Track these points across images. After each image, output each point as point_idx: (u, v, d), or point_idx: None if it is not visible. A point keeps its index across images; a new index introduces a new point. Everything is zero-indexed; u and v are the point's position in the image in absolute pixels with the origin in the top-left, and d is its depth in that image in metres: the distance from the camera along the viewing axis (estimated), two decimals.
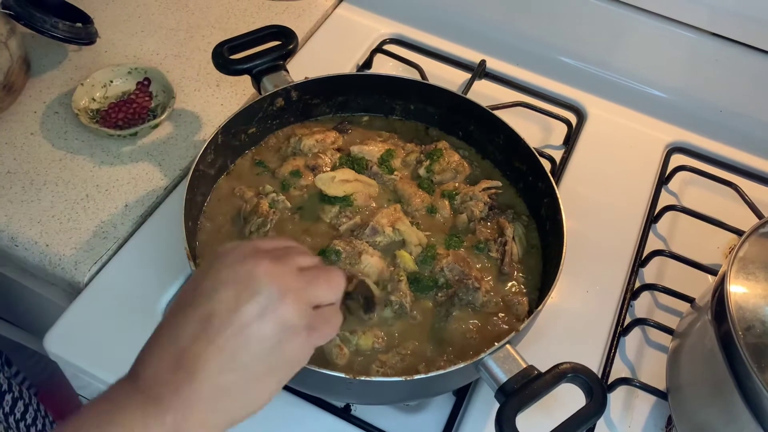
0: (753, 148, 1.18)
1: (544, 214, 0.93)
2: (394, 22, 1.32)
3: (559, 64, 1.28)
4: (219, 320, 0.52)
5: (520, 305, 0.86)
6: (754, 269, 0.75)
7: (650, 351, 0.94)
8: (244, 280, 0.53)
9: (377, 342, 0.81)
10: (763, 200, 1.08)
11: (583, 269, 0.99)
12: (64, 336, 0.89)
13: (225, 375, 0.52)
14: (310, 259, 0.60)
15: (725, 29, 1.15)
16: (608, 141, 1.17)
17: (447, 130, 1.05)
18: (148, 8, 1.30)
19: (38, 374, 1.44)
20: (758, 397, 0.67)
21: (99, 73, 1.12)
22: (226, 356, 0.52)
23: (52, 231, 0.97)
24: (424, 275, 0.87)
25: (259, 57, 1.01)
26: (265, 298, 0.53)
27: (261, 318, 0.52)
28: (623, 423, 0.87)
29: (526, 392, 0.69)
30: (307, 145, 0.99)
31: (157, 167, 1.06)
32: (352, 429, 0.84)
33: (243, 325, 0.52)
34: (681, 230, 1.07)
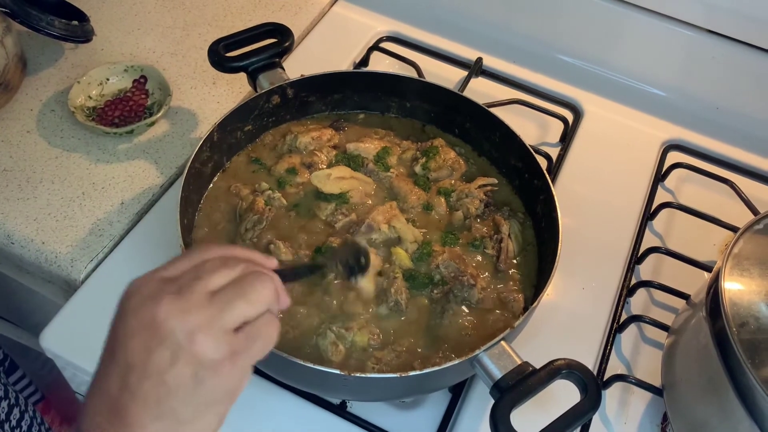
0: (749, 145, 1.18)
1: (540, 211, 0.93)
2: (390, 20, 1.32)
3: (556, 62, 1.28)
4: (136, 371, 0.51)
5: (515, 302, 0.86)
6: (748, 266, 0.75)
7: (646, 348, 0.94)
8: (149, 327, 0.51)
9: (372, 339, 0.81)
10: (759, 197, 1.08)
11: (579, 266, 0.99)
12: (60, 333, 0.89)
13: (157, 423, 0.51)
14: (226, 272, 0.54)
15: (722, 27, 1.15)
16: (605, 138, 1.17)
17: (443, 128, 1.05)
18: (144, 6, 1.30)
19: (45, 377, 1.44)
20: (752, 393, 0.67)
21: (95, 71, 1.12)
22: (152, 405, 0.51)
23: (49, 228, 0.97)
24: (420, 272, 0.87)
25: (255, 54, 1.01)
26: (173, 341, 0.50)
27: (174, 363, 0.50)
28: (619, 420, 0.88)
29: (521, 388, 0.69)
30: (303, 142, 0.99)
31: (153, 165, 1.06)
32: (347, 426, 0.84)
33: (159, 372, 0.50)
34: (677, 227, 1.08)
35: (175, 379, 0.50)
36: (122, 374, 0.51)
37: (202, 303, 0.52)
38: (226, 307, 0.52)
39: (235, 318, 0.53)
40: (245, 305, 0.53)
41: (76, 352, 0.88)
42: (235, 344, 0.52)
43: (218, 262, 0.55)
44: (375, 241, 0.89)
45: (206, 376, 0.51)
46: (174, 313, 0.51)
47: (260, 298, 0.54)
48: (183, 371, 0.50)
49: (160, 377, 0.50)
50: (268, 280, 0.55)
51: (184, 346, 0.50)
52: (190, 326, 0.50)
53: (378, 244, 0.89)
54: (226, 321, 0.52)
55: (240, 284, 0.54)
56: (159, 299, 0.51)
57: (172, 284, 0.53)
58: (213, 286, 0.53)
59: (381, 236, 0.89)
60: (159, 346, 0.50)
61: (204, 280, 0.53)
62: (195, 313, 0.51)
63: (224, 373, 0.52)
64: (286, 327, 0.81)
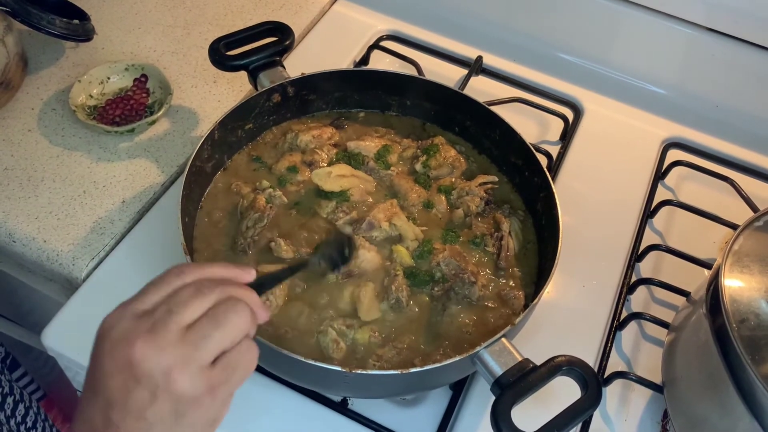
0: (749, 142, 1.18)
1: (540, 209, 0.93)
2: (391, 19, 1.32)
3: (556, 60, 1.28)
4: (117, 408, 0.52)
5: (516, 299, 0.86)
6: (748, 262, 0.75)
7: (646, 345, 0.94)
8: (125, 369, 0.51)
9: (374, 336, 0.81)
10: (759, 194, 1.09)
11: (580, 264, 0.99)
12: (61, 331, 0.89)
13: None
14: (199, 303, 0.54)
15: (721, 25, 1.15)
16: (605, 136, 1.17)
17: (444, 126, 1.06)
18: (145, 5, 1.30)
19: (46, 375, 1.44)
20: (753, 390, 0.67)
21: (96, 70, 1.12)
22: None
23: (50, 227, 0.98)
24: (421, 270, 0.88)
25: (255, 53, 1.01)
26: (150, 381, 0.51)
27: (154, 401, 0.51)
28: (619, 416, 0.88)
29: (522, 385, 0.70)
30: (303, 140, 0.99)
31: (154, 163, 1.06)
32: (349, 423, 0.84)
33: (140, 410, 0.51)
34: (677, 225, 1.08)
35: (155, 415, 0.51)
36: (104, 410, 0.52)
37: (177, 340, 0.52)
38: (201, 342, 0.52)
39: (211, 352, 0.53)
40: (220, 337, 0.53)
41: (78, 351, 0.88)
42: (213, 378, 0.53)
43: (191, 290, 0.54)
44: (376, 238, 0.89)
45: (187, 411, 0.52)
46: (148, 354, 0.51)
47: (235, 328, 0.54)
48: (162, 408, 0.51)
49: (141, 414, 0.51)
50: (242, 308, 0.55)
51: (162, 386, 0.51)
52: (166, 366, 0.51)
53: (379, 241, 0.89)
54: (201, 356, 0.53)
55: (214, 316, 0.54)
56: (133, 340, 0.52)
57: (145, 321, 0.53)
58: (187, 320, 0.53)
59: (382, 234, 0.90)
60: (137, 386, 0.51)
61: (177, 314, 0.53)
62: (170, 351, 0.51)
63: (204, 405, 0.53)
64: (285, 327, 0.82)
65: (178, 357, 0.51)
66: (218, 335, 0.53)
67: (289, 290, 0.85)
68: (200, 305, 0.54)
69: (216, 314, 0.54)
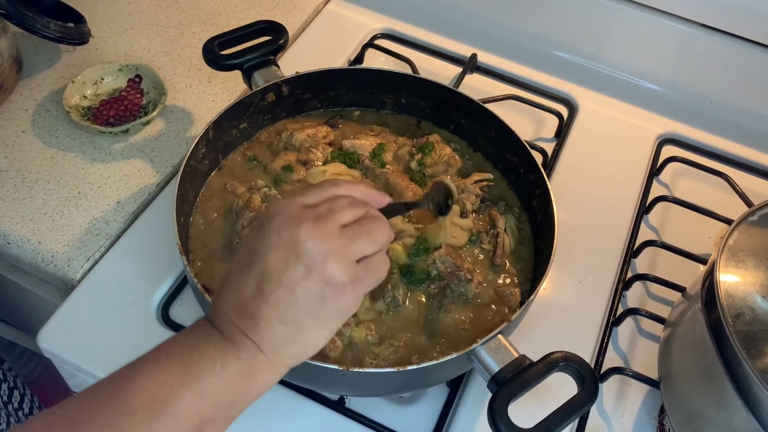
0: (743, 138, 1.18)
1: (536, 206, 0.93)
2: (385, 17, 1.32)
3: (551, 57, 1.28)
4: (272, 280, 0.58)
5: (512, 296, 0.86)
6: (743, 257, 0.75)
7: (642, 340, 0.95)
8: (289, 244, 0.58)
9: (370, 334, 0.81)
10: (754, 189, 1.09)
11: (576, 260, 0.99)
12: (57, 333, 0.89)
13: (281, 326, 0.59)
14: (353, 211, 0.62)
15: (715, 21, 1.16)
16: (600, 133, 1.18)
17: (438, 124, 1.06)
18: (138, 5, 1.30)
19: (28, 374, 1.44)
20: (748, 384, 0.67)
21: (90, 71, 1.12)
22: (281, 311, 0.58)
23: (45, 228, 0.97)
24: (417, 268, 0.88)
25: (249, 52, 1.01)
26: (309, 260, 0.57)
27: (307, 278, 0.57)
28: (616, 412, 0.88)
29: (518, 381, 0.70)
30: (298, 139, 0.99)
31: (148, 164, 1.06)
32: (346, 421, 0.84)
33: (292, 284, 0.58)
34: (672, 221, 1.08)
35: (304, 292, 0.58)
36: (258, 281, 0.58)
37: (336, 233, 0.59)
38: (354, 240, 0.60)
39: (360, 251, 0.60)
40: (368, 242, 0.61)
41: (74, 352, 0.87)
42: (358, 273, 0.60)
43: (348, 200, 0.62)
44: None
45: (330, 294, 0.59)
46: (313, 235, 0.58)
47: (379, 239, 0.62)
48: (312, 286, 0.58)
49: (292, 288, 0.58)
50: (386, 225, 0.63)
51: (318, 266, 0.58)
52: (325, 249, 0.58)
53: None
54: (353, 251, 0.60)
55: (365, 224, 0.62)
56: (301, 222, 0.59)
57: (311, 211, 0.60)
58: (344, 220, 0.61)
59: None
60: (296, 261, 0.58)
61: (338, 213, 0.60)
62: (329, 239, 0.58)
63: (345, 294, 0.59)
64: None
65: (336, 245, 0.58)
66: (367, 240, 0.61)
67: None
68: (354, 213, 0.62)
69: (367, 223, 0.62)
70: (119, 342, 0.88)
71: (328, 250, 0.58)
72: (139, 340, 0.87)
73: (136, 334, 0.89)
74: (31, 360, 1.40)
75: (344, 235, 0.60)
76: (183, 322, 0.91)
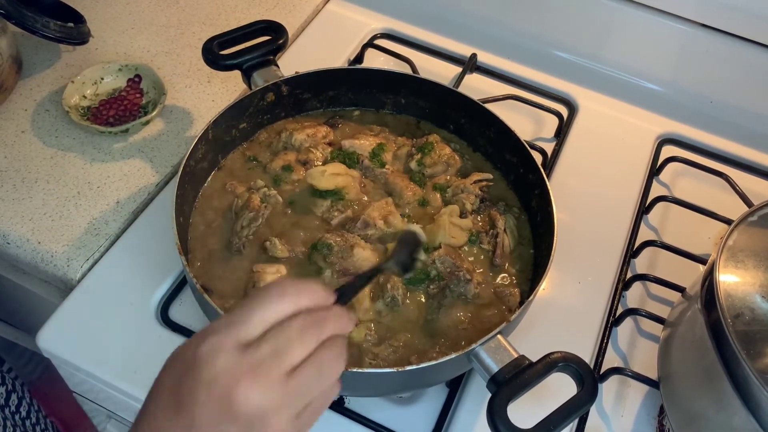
0: (743, 138, 1.18)
1: (536, 206, 0.93)
2: (385, 17, 1.32)
3: (550, 57, 1.28)
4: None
5: (511, 296, 0.86)
6: (743, 257, 0.75)
7: (642, 341, 0.95)
8: (223, 405, 0.51)
9: (369, 334, 0.81)
10: (754, 190, 1.09)
11: (575, 260, 0.99)
12: (57, 333, 0.89)
13: None
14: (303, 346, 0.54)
15: (715, 21, 1.16)
16: (599, 133, 1.18)
17: (438, 124, 1.06)
18: (138, 5, 1.30)
19: (29, 374, 1.44)
20: (748, 385, 0.67)
21: (89, 71, 1.12)
22: None
23: (44, 228, 0.97)
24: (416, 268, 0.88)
25: (249, 52, 1.01)
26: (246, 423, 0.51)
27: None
28: (616, 412, 0.88)
29: (518, 382, 0.70)
30: (298, 139, 0.99)
31: (148, 164, 1.06)
32: (345, 421, 0.84)
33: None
34: (672, 221, 1.08)
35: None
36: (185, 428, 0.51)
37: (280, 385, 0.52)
38: (303, 392, 0.53)
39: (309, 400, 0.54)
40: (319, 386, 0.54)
41: (74, 352, 0.87)
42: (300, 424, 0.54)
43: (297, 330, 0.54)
44: (371, 237, 0.89)
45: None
46: (251, 396, 0.51)
47: (333, 377, 0.56)
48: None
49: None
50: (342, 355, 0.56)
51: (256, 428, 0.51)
52: (265, 411, 0.51)
53: (374, 240, 0.89)
54: (299, 405, 0.53)
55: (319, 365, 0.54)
56: (237, 378, 0.51)
57: (249, 357, 0.52)
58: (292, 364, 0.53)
59: (377, 232, 0.90)
60: (231, 424, 0.51)
61: (283, 358, 0.52)
62: (272, 397, 0.51)
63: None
64: None
65: (279, 404, 0.52)
66: (318, 385, 0.54)
67: None
68: (305, 349, 0.54)
69: (321, 363, 0.54)
70: (119, 342, 0.88)
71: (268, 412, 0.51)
72: (138, 340, 0.88)
73: (136, 334, 0.89)
74: (31, 360, 1.40)
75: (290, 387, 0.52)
76: (182, 322, 0.91)
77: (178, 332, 0.89)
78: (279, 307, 0.55)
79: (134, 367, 0.86)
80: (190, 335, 0.88)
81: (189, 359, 0.53)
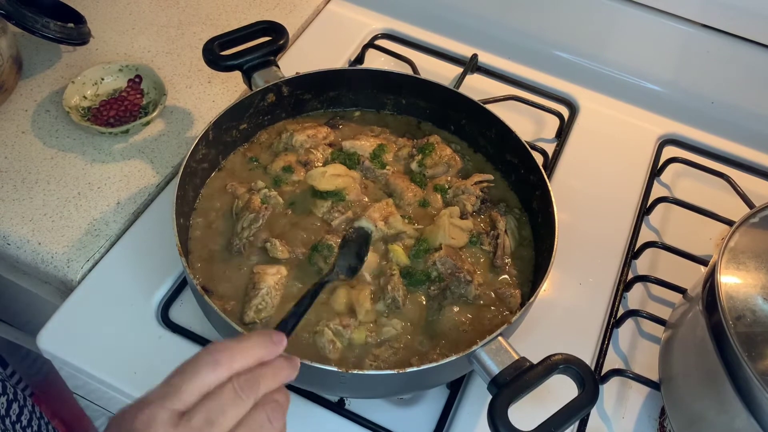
0: (744, 139, 1.18)
1: (536, 207, 0.93)
2: (385, 18, 1.32)
3: (551, 58, 1.28)
4: None
5: (512, 298, 0.86)
6: (744, 259, 0.75)
7: (643, 342, 0.94)
8: None
9: (370, 336, 0.81)
10: (755, 191, 1.09)
11: (576, 262, 0.99)
12: (57, 334, 0.89)
13: None
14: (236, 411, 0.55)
15: (716, 21, 1.15)
16: (601, 134, 1.17)
17: (439, 125, 1.06)
18: (139, 5, 1.30)
19: (33, 375, 1.43)
20: (749, 386, 0.67)
21: (90, 71, 1.12)
22: None
23: (44, 229, 0.97)
24: (417, 269, 0.87)
25: (249, 53, 1.01)
26: None
27: None
28: (617, 414, 0.88)
29: (518, 384, 0.69)
30: (298, 140, 0.99)
31: (148, 164, 1.06)
32: (346, 423, 0.84)
33: None
34: (673, 222, 1.08)
35: None
36: None
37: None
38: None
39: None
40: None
41: (73, 353, 0.87)
42: None
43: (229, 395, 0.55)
44: (372, 238, 0.89)
45: None
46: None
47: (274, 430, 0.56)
48: None
49: None
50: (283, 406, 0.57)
51: None
52: None
53: (375, 241, 0.89)
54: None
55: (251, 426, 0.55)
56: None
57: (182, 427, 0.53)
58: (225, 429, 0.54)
59: (377, 233, 0.89)
60: None
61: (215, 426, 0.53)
62: None
63: None
64: None
65: None
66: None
67: (285, 289, 0.85)
68: (239, 411, 0.55)
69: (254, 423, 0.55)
70: (119, 343, 0.88)
71: None
72: (138, 341, 0.88)
73: (136, 335, 0.89)
74: (35, 362, 1.40)
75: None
76: (182, 323, 0.90)
77: (179, 333, 0.89)
78: (213, 375, 0.55)
79: (134, 368, 0.85)
80: (191, 336, 0.89)
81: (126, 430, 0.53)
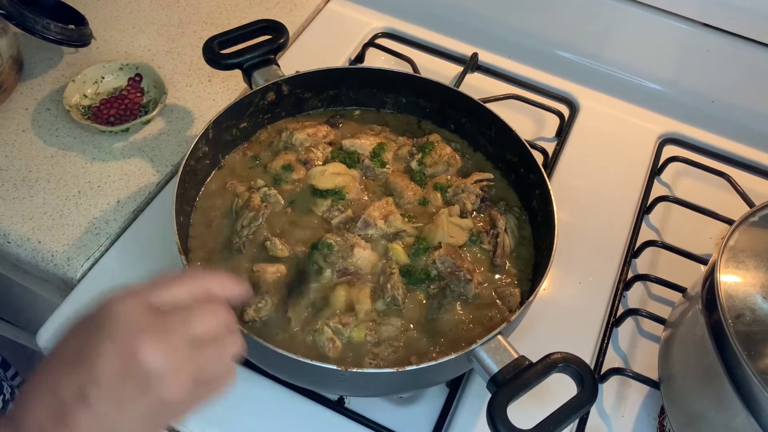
0: (745, 138, 1.18)
1: (536, 206, 0.93)
2: (386, 16, 1.32)
3: (552, 57, 1.28)
4: (100, 389, 0.52)
5: (512, 296, 0.86)
6: (744, 258, 0.75)
7: (643, 341, 0.94)
8: (126, 358, 0.52)
9: (369, 334, 0.81)
10: (755, 190, 1.09)
11: (576, 260, 0.99)
12: (57, 332, 0.89)
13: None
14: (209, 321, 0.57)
15: (716, 20, 1.15)
16: (601, 133, 1.17)
17: (439, 123, 1.05)
18: (139, 4, 1.30)
19: None
20: (748, 385, 0.67)
21: (90, 70, 1.12)
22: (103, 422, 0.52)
23: (45, 227, 0.97)
24: (417, 268, 0.87)
25: (249, 51, 1.01)
26: (145, 378, 0.52)
27: (140, 396, 0.53)
28: (616, 413, 0.88)
29: (518, 382, 0.70)
30: (298, 139, 0.99)
31: (149, 163, 1.06)
32: (345, 422, 0.84)
33: (122, 399, 0.52)
34: (673, 221, 1.08)
35: (132, 410, 0.53)
36: (83, 386, 0.52)
37: (183, 349, 0.54)
38: (202, 364, 0.56)
39: (207, 372, 0.56)
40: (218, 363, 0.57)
41: None
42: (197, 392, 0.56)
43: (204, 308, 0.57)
44: (371, 236, 0.89)
45: (159, 412, 0.54)
46: (155, 354, 0.53)
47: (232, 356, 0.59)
48: (142, 405, 0.53)
49: (121, 404, 0.52)
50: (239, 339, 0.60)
51: (153, 387, 0.53)
52: (166, 370, 0.53)
53: (374, 239, 0.89)
54: (197, 372, 0.55)
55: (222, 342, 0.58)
56: (143, 334, 0.53)
57: (159, 318, 0.55)
58: (196, 334, 0.56)
59: (377, 232, 0.89)
60: (130, 379, 0.52)
61: (190, 325, 0.55)
62: (174, 358, 0.53)
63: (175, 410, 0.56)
64: (276, 329, 0.82)
65: (177, 366, 0.53)
66: (217, 362, 0.57)
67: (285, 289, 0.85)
68: (209, 325, 0.57)
69: (222, 342, 0.58)
70: None
71: (168, 372, 0.53)
72: None
73: None
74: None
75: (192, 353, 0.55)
76: None
77: None
78: (190, 287, 0.58)
79: None
80: None
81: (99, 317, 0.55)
